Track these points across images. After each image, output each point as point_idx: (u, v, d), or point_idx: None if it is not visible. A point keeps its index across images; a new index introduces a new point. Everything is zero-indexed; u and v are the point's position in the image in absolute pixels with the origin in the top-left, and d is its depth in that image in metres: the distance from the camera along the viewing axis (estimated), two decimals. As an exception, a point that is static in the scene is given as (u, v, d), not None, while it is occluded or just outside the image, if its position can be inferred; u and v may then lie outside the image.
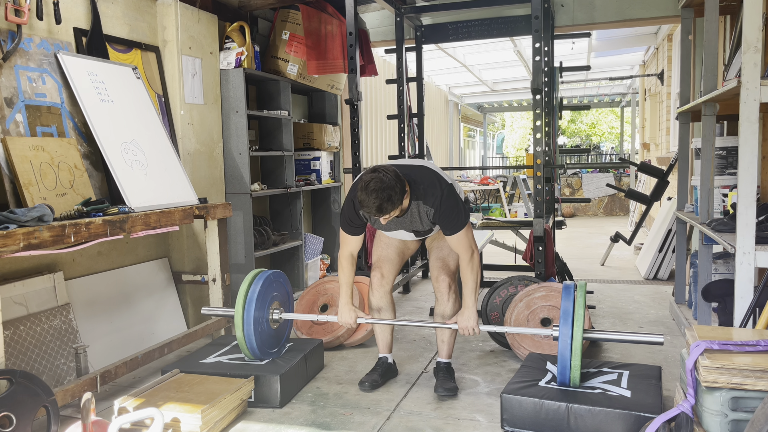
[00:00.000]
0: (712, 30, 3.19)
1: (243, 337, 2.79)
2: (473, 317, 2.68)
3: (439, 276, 2.85)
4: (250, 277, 2.89)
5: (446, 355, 2.92)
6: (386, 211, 2.48)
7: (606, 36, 7.33)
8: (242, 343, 2.81)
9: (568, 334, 2.40)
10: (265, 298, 2.88)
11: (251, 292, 2.82)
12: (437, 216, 2.64)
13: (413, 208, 2.65)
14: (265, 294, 2.88)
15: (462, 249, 2.69)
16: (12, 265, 2.78)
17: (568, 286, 2.52)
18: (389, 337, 3.02)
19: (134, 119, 3.23)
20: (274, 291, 2.97)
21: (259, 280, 2.86)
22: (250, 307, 2.79)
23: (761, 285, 2.40)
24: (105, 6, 3.32)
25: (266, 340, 2.88)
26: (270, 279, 2.92)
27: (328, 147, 5.14)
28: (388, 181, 2.45)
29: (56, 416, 2.22)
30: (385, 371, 2.98)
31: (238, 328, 2.79)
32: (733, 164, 3.25)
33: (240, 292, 2.82)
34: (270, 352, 2.91)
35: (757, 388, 1.85)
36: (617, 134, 20.03)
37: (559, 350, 2.43)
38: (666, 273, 5.27)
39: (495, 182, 10.79)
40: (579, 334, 2.41)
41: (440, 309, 2.87)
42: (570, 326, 2.41)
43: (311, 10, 4.53)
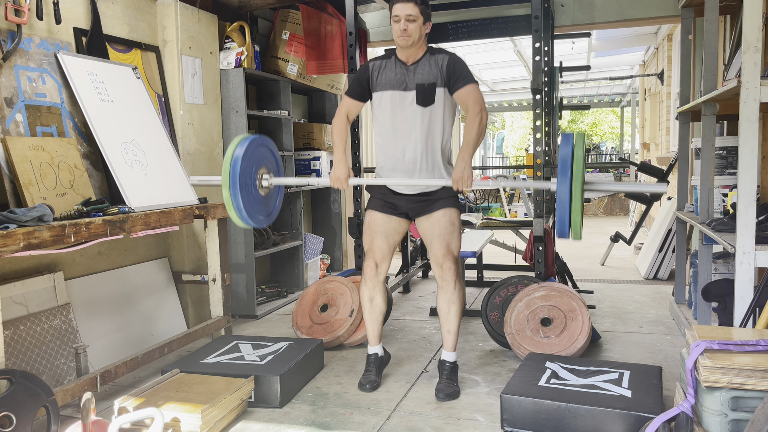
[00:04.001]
0: (712, 30, 3.19)
1: (230, 199, 2.61)
2: (467, 168, 2.64)
3: (444, 262, 2.78)
4: (236, 141, 2.69)
5: (451, 346, 2.86)
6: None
7: (606, 36, 7.33)
8: (230, 206, 2.64)
9: (566, 185, 2.29)
10: (251, 162, 2.70)
11: (236, 156, 2.63)
12: (451, 64, 2.74)
13: (425, 59, 2.76)
14: (251, 157, 2.70)
15: (473, 101, 2.71)
16: (12, 265, 2.78)
17: (567, 134, 2.42)
18: (379, 329, 2.98)
19: (134, 119, 3.23)
20: (262, 156, 2.80)
21: (245, 143, 2.67)
22: (235, 169, 2.60)
23: (761, 285, 2.40)
24: (105, 6, 3.32)
25: (255, 205, 2.72)
26: (257, 143, 2.74)
27: (328, 147, 5.15)
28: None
29: (56, 416, 2.22)
30: (379, 367, 2.98)
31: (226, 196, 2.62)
32: (733, 164, 3.25)
33: (226, 157, 2.64)
34: (259, 218, 2.76)
35: (757, 388, 1.85)
36: (617, 134, 20.03)
37: (558, 202, 2.31)
38: (666, 273, 5.27)
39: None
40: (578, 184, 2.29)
41: (447, 296, 2.81)
42: (569, 176, 2.29)
43: (311, 10, 4.53)
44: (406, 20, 2.69)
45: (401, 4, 2.70)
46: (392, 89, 2.80)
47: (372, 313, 2.95)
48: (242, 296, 4.17)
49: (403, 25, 2.70)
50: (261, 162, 2.77)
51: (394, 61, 2.82)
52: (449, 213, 2.83)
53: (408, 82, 2.78)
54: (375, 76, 2.84)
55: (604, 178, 11.59)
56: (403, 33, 2.71)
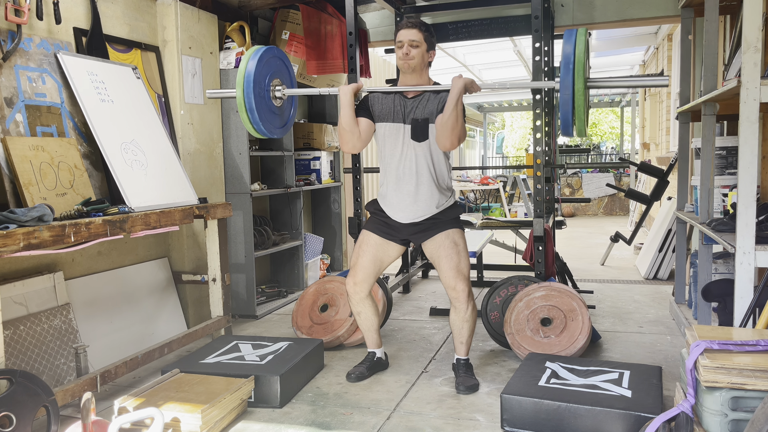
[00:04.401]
0: (712, 30, 3.18)
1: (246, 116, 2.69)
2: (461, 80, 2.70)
3: (457, 285, 2.80)
4: (248, 54, 2.77)
5: (465, 353, 2.94)
6: (420, 25, 2.75)
7: (606, 36, 7.33)
8: (247, 124, 2.72)
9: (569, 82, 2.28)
10: (264, 74, 2.75)
11: (248, 70, 2.70)
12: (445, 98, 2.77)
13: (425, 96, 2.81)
14: (263, 70, 2.75)
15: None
16: (12, 265, 2.78)
17: (570, 31, 2.42)
18: (374, 335, 3.06)
19: (134, 119, 3.23)
20: (273, 68, 2.85)
21: (256, 55, 2.73)
22: (249, 82, 2.68)
23: (761, 285, 2.40)
24: (105, 6, 3.32)
25: (271, 118, 2.80)
26: (271, 53, 2.80)
27: (328, 147, 5.15)
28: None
29: (56, 416, 2.22)
30: (372, 365, 3.04)
31: (241, 106, 2.69)
32: (733, 164, 3.25)
33: (239, 71, 2.72)
34: (276, 130, 2.87)
35: (757, 388, 1.85)
36: (617, 134, 20.03)
37: (561, 100, 2.31)
38: (666, 273, 5.27)
39: (495, 182, 10.79)
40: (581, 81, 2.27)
41: (460, 315, 2.84)
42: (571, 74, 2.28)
43: (311, 10, 4.53)
44: (409, 45, 2.73)
45: (405, 30, 2.75)
46: (390, 121, 2.83)
47: (363, 324, 3.04)
48: (242, 296, 4.17)
49: (405, 49, 2.74)
50: (275, 73, 2.86)
51: (396, 96, 2.84)
52: (452, 234, 2.86)
53: (405, 115, 2.80)
54: (375, 108, 2.85)
55: (603, 177, 11.60)
56: (405, 57, 2.74)
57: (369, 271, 2.93)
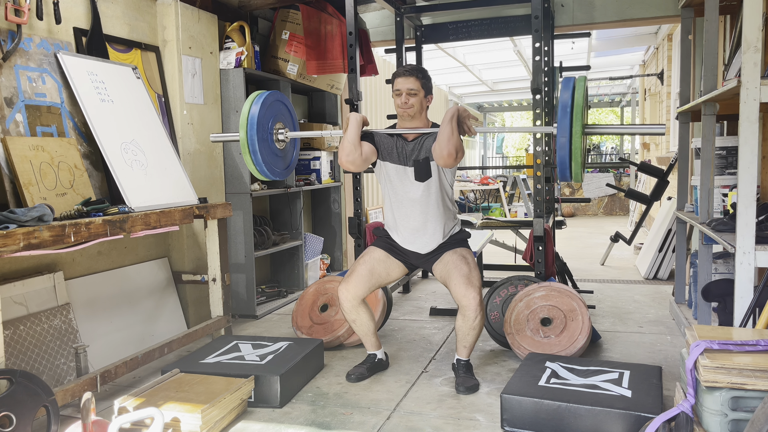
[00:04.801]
0: (712, 30, 3.18)
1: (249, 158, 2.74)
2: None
3: (468, 293, 2.76)
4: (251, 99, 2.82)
5: (466, 355, 2.94)
6: (416, 72, 2.76)
7: (606, 36, 7.33)
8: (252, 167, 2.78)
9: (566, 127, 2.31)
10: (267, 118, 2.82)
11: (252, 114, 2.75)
12: None
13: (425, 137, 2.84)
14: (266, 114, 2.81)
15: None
16: (12, 265, 2.78)
17: (568, 79, 2.44)
18: (373, 338, 3.07)
19: (134, 119, 3.23)
20: (276, 111, 2.91)
21: (259, 100, 2.78)
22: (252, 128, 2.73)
23: (761, 285, 2.40)
24: (105, 6, 3.32)
25: (274, 160, 2.85)
26: (273, 97, 2.85)
27: (328, 147, 5.15)
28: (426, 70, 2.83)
29: (56, 416, 2.22)
30: (373, 366, 3.04)
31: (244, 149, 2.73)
32: (733, 164, 3.25)
33: (242, 115, 2.76)
34: (279, 171, 2.92)
35: (757, 388, 1.85)
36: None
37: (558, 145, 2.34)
38: (666, 273, 5.27)
39: (495, 182, 10.79)
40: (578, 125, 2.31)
41: (468, 323, 2.82)
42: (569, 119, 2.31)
43: (311, 10, 4.53)
44: (408, 94, 2.76)
45: (402, 78, 2.76)
46: (395, 163, 2.88)
47: (359, 330, 3.04)
48: (242, 296, 4.17)
49: (404, 98, 2.77)
50: (277, 117, 2.91)
51: (396, 136, 2.88)
52: (460, 251, 2.92)
53: (407, 158, 2.85)
54: (378, 144, 2.89)
55: (603, 177, 11.60)
56: (405, 106, 2.77)
57: (363, 282, 2.92)
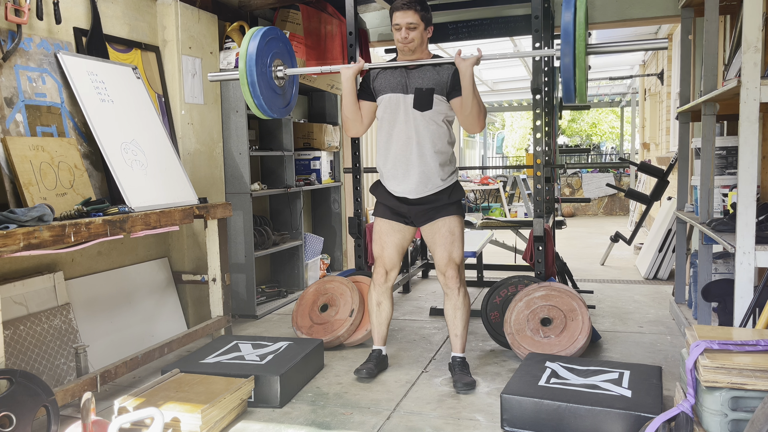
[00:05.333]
0: (712, 30, 3.18)
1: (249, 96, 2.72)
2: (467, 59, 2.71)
3: (447, 271, 2.88)
4: (250, 34, 2.79)
5: (460, 349, 2.96)
6: (413, 6, 2.69)
7: (606, 36, 7.32)
8: (250, 101, 2.76)
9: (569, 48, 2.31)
10: (266, 53, 2.78)
11: (250, 51, 2.72)
12: (456, 74, 2.75)
13: (428, 66, 2.79)
14: (265, 49, 2.78)
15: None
16: (12, 265, 2.78)
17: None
18: (385, 331, 3.10)
19: (134, 119, 3.23)
20: (274, 48, 2.88)
21: (258, 34, 2.75)
22: (252, 58, 2.70)
23: (761, 285, 2.40)
24: (105, 6, 3.32)
25: (273, 96, 2.83)
26: (268, 34, 2.82)
27: (328, 147, 5.15)
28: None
29: (56, 416, 2.22)
30: (379, 362, 3.05)
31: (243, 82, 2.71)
32: (733, 164, 3.25)
33: (241, 53, 2.73)
34: (278, 109, 2.91)
35: (757, 388, 1.85)
36: (617, 134, 20.04)
37: (562, 68, 2.34)
38: (666, 273, 5.27)
39: (495, 182, 10.79)
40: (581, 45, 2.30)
41: (452, 302, 2.91)
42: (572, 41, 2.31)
43: (311, 10, 4.53)
44: (407, 28, 2.72)
45: (401, 12, 2.71)
46: (391, 92, 2.84)
47: (379, 316, 3.07)
48: (242, 296, 4.17)
49: (404, 33, 2.73)
50: (276, 53, 2.88)
51: (397, 68, 2.85)
52: (450, 221, 2.89)
53: (408, 84, 2.82)
54: (376, 83, 2.88)
55: (603, 177, 11.60)
56: (405, 41, 2.74)
57: (395, 259, 3.00)
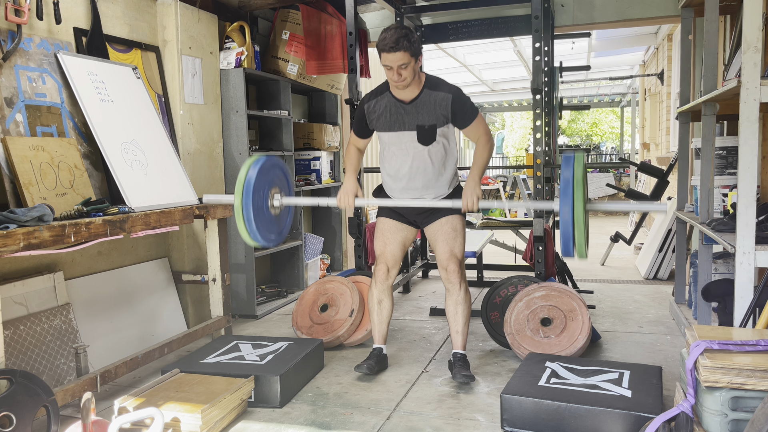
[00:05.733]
0: (712, 30, 3.18)
1: (243, 224, 2.69)
2: (476, 190, 2.73)
3: (449, 265, 2.90)
4: (248, 163, 2.77)
5: (461, 346, 2.97)
6: (402, 45, 2.61)
7: (606, 36, 7.33)
8: (242, 230, 2.71)
9: (569, 204, 2.32)
10: (263, 184, 2.78)
11: (248, 178, 2.70)
12: (455, 103, 2.77)
13: (424, 96, 2.77)
14: (263, 179, 2.77)
15: (481, 133, 2.84)
16: (12, 265, 2.78)
17: (567, 156, 2.44)
18: (386, 329, 3.11)
19: (134, 119, 3.23)
20: (273, 176, 2.87)
21: (257, 165, 2.74)
22: (248, 192, 2.67)
23: (761, 285, 2.40)
24: (105, 6, 3.32)
25: (266, 224, 2.81)
26: (268, 164, 2.81)
27: (328, 147, 5.14)
28: (409, 28, 2.67)
29: (56, 416, 2.22)
30: (379, 360, 3.06)
31: (239, 216, 2.68)
32: (733, 164, 3.25)
33: (239, 179, 2.71)
34: (271, 238, 2.85)
35: (757, 388, 1.85)
36: (617, 134, 20.03)
37: (561, 222, 2.35)
38: (666, 273, 5.27)
39: (495, 182, 10.79)
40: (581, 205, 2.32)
41: (453, 298, 2.93)
42: (570, 197, 2.32)
43: (311, 10, 4.53)
44: (398, 69, 2.68)
45: (390, 54, 2.64)
46: (391, 131, 2.86)
47: (380, 315, 3.08)
48: (242, 296, 4.17)
49: (396, 73, 2.69)
50: (273, 182, 2.88)
51: (391, 100, 2.83)
52: (452, 219, 2.95)
53: (407, 122, 2.82)
54: (373, 119, 2.88)
55: (603, 177, 11.60)
56: (399, 80, 2.71)
57: (398, 257, 3.03)
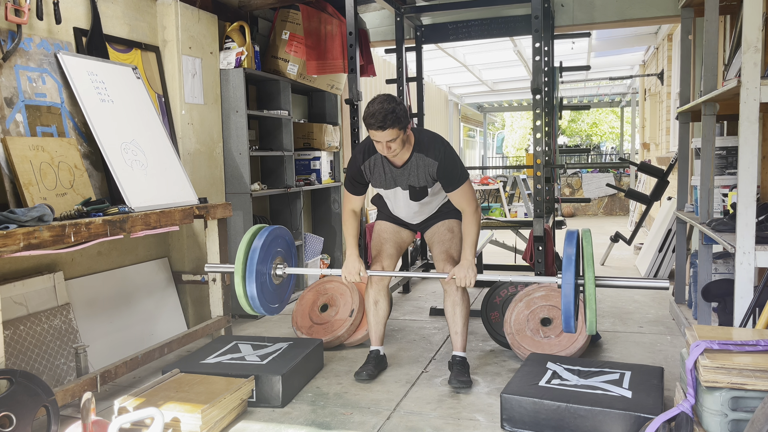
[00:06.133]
0: (712, 30, 3.18)
1: (243, 291, 2.71)
2: (471, 269, 2.73)
3: (445, 267, 2.91)
4: (252, 231, 2.80)
5: (461, 347, 2.96)
6: (389, 123, 2.54)
7: (606, 36, 7.33)
8: (242, 299, 2.74)
9: (570, 281, 2.33)
10: (267, 254, 2.81)
11: (253, 248, 2.73)
12: (440, 170, 2.73)
13: (414, 160, 2.74)
14: (268, 249, 2.80)
15: (465, 202, 2.80)
16: (12, 265, 2.78)
17: (571, 232, 2.44)
18: (382, 330, 3.12)
19: (134, 119, 3.23)
20: (277, 246, 2.90)
21: (262, 235, 2.77)
22: (252, 261, 2.70)
23: (761, 285, 2.40)
24: (105, 6, 3.32)
25: (268, 296, 2.83)
26: (272, 234, 2.83)
27: (328, 147, 5.14)
28: (396, 101, 2.60)
29: (56, 416, 2.22)
30: (378, 363, 3.06)
31: (238, 283, 2.70)
32: (733, 164, 3.25)
33: (240, 247, 2.74)
34: (272, 308, 2.88)
35: (757, 388, 1.85)
36: (617, 134, 20.04)
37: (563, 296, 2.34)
38: (666, 273, 5.26)
39: (495, 182, 10.79)
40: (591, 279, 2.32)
41: (451, 298, 2.92)
42: (572, 272, 2.32)
43: (311, 10, 4.53)
44: (387, 144, 2.64)
45: (378, 132, 2.60)
46: (385, 188, 2.91)
47: (376, 315, 3.08)
48: (242, 296, 4.16)
49: (385, 147, 2.65)
50: (276, 253, 2.92)
51: (383, 162, 2.82)
52: (448, 222, 3.00)
53: (400, 182, 2.84)
54: (368, 175, 2.88)
55: (603, 177, 11.60)
56: (389, 152, 2.67)
57: (394, 259, 3.05)
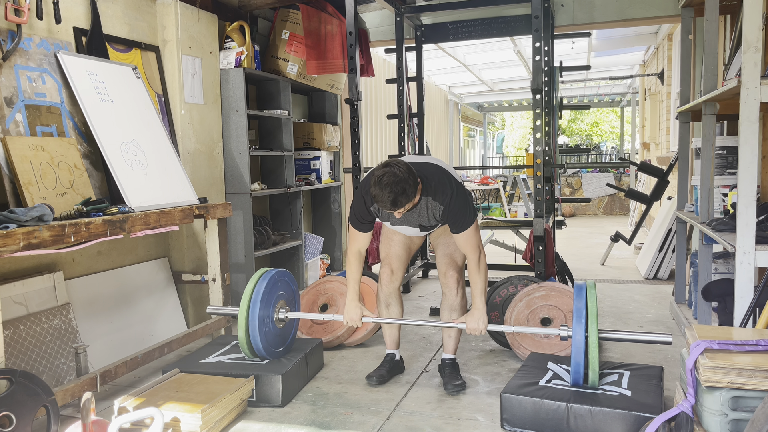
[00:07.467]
0: (712, 30, 3.18)
1: (246, 337, 2.77)
2: (483, 319, 2.68)
3: (447, 271, 2.89)
4: (256, 277, 2.87)
5: (452, 350, 2.95)
6: (401, 204, 2.47)
7: (606, 35, 7.33)
8: (243, 344, 2.79)
9: (582, 334, 2.39)
10: (270, 298, 2.86)
11: (256, 292, 2.80)
12: (446, 214, 2.65)
13: (422, 204, 2.65)
14: (270, 293, 2.86)
15: (469, 249, 2.69)
16: (12, 265, 2.78)
17: (580, 286, 2.52)
18: (397, 334, 3.07)
19: (134, 119, 3.23)
20: (279, 290, 2.95)
21: (264, 279, 2.84)
22: (254, 306, 2.77)
23: (761, 285, 2.40)
24: (105, 6, 3.31)
25: (271, 340, 2.87)
26: (275, 278, 2.90)
27: (328, 147, 5.14)
28: (402, 175, 2.44)
29: (56, 416, 2.22)
30: (392, 367, 3.02)
31: (241, 328, 2.77)
32: (733, 164, 3.25)
33: (245, 292, 2.81)
34: (276, 351, 2.90)
35: (757, 388, 1.85)
36: (617, 134, 20.03)
37: (573, 348, 2.40)
38: (666, 273, 5.27)
39: (495, 182, 10.79)
40: (594, 333, 2.38)
41: (448, 303, 2.91)
42: (584, 325, 2.39)
43: (311, 10, 4.53)
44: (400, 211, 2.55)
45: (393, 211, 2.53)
46: (396, 226, 2.84)
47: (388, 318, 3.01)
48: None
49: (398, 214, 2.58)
50: (278, 298, 2.94)
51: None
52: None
53: (410, 221, 2.76)
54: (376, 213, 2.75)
55: (603, 177, 11.59)
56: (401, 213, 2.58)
57: (403, 260, 2.99)
